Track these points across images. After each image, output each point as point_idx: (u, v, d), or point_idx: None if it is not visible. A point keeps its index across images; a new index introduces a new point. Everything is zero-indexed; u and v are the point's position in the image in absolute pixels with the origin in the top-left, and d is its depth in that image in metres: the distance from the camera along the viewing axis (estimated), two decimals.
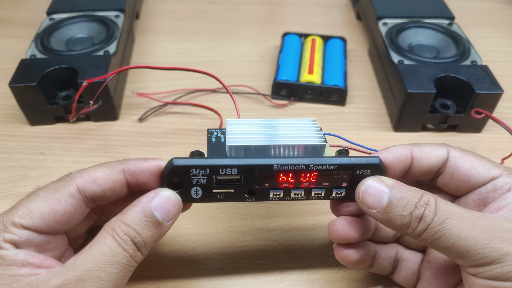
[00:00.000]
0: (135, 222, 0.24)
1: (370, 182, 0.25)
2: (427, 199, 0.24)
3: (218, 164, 0.25)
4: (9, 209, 0.24)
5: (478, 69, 0.45)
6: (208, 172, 0.25)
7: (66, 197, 0.24)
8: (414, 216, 0.24)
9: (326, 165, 0.26)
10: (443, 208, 0.23)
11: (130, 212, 0.24)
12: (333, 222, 0.28)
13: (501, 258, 0.22)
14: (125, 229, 0.23)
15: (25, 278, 0.22)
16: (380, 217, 0.24)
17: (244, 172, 0.26)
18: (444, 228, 0.23)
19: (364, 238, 0.29)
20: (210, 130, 0.32)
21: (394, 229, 0.25)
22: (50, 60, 0.45)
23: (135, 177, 0.26)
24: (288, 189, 0.27)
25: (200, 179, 0.26)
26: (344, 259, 0.28)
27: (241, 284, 0.32)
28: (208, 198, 0.27)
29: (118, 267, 0.23)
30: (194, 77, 0.51)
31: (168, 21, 0.64)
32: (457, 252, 0.23)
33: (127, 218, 0.24)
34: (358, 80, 0.53)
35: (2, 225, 0.23)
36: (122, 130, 0.45)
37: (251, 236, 0.35)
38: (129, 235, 0.23)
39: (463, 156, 0.27)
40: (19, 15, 0.64)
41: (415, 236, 0.24)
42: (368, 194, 0.25)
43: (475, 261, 0.23)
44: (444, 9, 0.55)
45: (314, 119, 0.30)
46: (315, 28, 0.61)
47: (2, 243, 0.22)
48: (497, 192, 0.26)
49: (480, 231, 0.22)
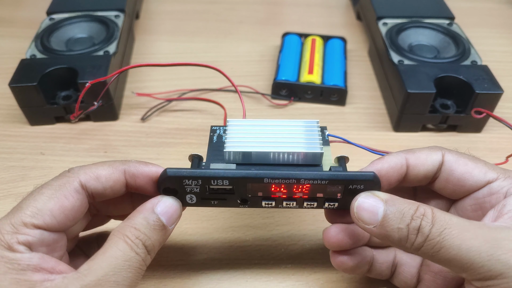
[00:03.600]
0: (144, 227, 0.24)
1: (364, 198, 0.25)
2: (423, 210, 0.23)
3: (210, 175, 0.26)
4: (14, 210, 0.23)
5: (478, 69, 0.45)
6: (200, 182, 0.26)
7: (73, 192, 0.24)
8: (412, 228, 0.23)
9: (318, 180, 0.26)
10: (441, 218, 0.23)
11: (137, 218, 0.25)
12: (327, 229, 0.28)
13: (507, 272, 0.21)
14: (135, 233, 0.24)
15: (40, 284, 0.22)
16: (377, 232, 0.24)
17: (236, 184, 0.26)
18: (444, 239, 0.22)
19: (359, 244, 0.29)
20: (213, 128, 0.32)
21: (393, 244, 0.24)
22: (50, 60, 0.45)
23: (135, 179, 0.26)
24: (280, 199, 0.27)
25: (194, 188, 0.26)
26: (340, 266, 0.28)
27: (241, 284, 0.32)
28: (202, 203, 0.27)
29: (132, 270, 0.23)
30: (194, 77, 0.51)
31: (168, 21, 0.64)
32: (460, 265, 0.22)
33: (136, 223, 0.24)
34: (358, 80, 0.53)
35: (12, 227, 0.22)
36: (122, 130, 0.45)
37: (251, 236, 0.35)
38: (140, 239, 0.24)
39: (458, 160, 0.26)
40: (19, 15, 0.64)
41: (415, 250, 0.23)
42: (363, 210, 0.24)
43: (479, 275, 0.22)
44: (444, 9, 0.55)
45: (317, 120, 0.30)
46: (315, 28, 0.61)
47: (16, 245, 0.22)
48: (494, 196, 0.26)
49: (482, 241, 0.22)
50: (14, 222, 0.23)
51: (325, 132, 0.32)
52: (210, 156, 0.29)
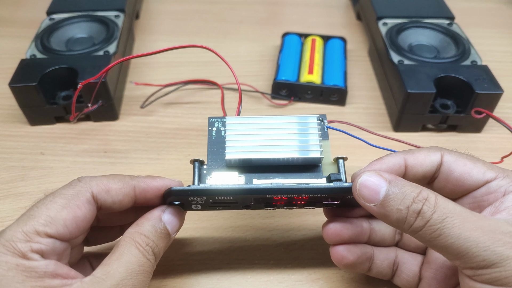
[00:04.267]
0: (153, 234, 0.26)
1: (368, 176, 0.24)
2: (426, 194, 0.23)
3: (213, 194, 0.26)
4: (25, 218, 0.23)
5: (478, 69, 0.45)
6: (205, 198, 0.27)
7: (85, 203, 0.25)
8: (411, 210, 0.23)
9: (318, 194, 0.26)
10: (444, 205, 0.23)
11: (146, 225, 0.26)
12: (325, 223, 0.29)
13: (500, 262, 0.22)
14: (146, 240, 0.25)
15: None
16: (377, 211, 0.24)
17: (239, 198, 0.27)
18: (444, 226, 0.22)
19: (360, 238, 0.29)
20: (211, 120, 0.32)
21: (391, 224, 0.24)
22: (50, 60, 0.45)
23: (145, 194, 0.27)
24: (281, 205, 0.28)
25: (198, 201, 0.27)
26: (340, 261, 0.28)
27: (241, 284, 0.32)
28: (207, 209, 0.29)
29: (145, 275, 0.25)
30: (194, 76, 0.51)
31: (168, 21, 0.64)
32: (456, 253, 0.22)
33: (145, 230, 0.26)
34: (358, 80, 0.53)
35: (25, 235, 0.22)
36: (122, 130, 0.45)
37: (251, 236, 0.35)
38: (150, 245, 0.25)
39: (457, 160, 0.27)
40: (19, 15, 0.64)
41: (412, 232, 0.24)
42: (365, 187, 0.24)
43: (473, 263, 0.22)
44: (444, 9, 0.55)
45: (317, 115, 0.30)
46: (315, 28, 0.61)
47: (30, 253, 0.22)
48: (492, 195, 0.26)
49: (481, 233, 0.22)
50: (26, 230, 0.22)
51: (325, 122, 0.31)
52: (211, 156, 0.30)
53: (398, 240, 0.30)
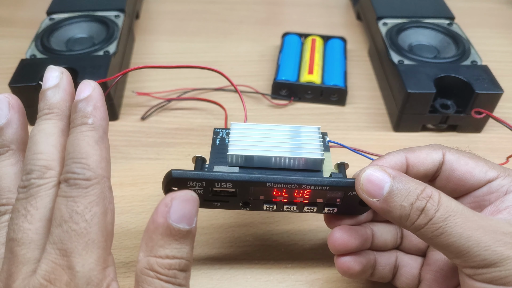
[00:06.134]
0: (170, 250, 0.21)
1: (373, 171, 0.24)
2: (430, 192, 0.23)
3: (214, 178, 0.26)
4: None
5: (478, 69, 0.45)
6: (204, 184, 0.26)
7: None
8: (415, 207, 0.23)
9: (319, 186, 0.26)
10: (447, 204, 0.23)
11: (157, 242, 0.21)
12: (331, 233, 0.28)
13: (501, 262, 0.22)
14: (164, 263, 0.21)
15: None
16: (380, 206, 0.24)
17: (239, 187, 0.27)
18: (447, 225, 0.22)
19: (364, 246, 0.28)
20: (216, 130, 0.32)
21: (393, 220, 0.24)
22: (50, 60, 0.45)
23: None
24: (281, 203, 0.28)
25: (197, 190, 0.27)
26: (346, 271, 0.28)
27: (241, 284, 0.32)
28: (205, 205, 0.28)
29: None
30: (194, 77, 0.51)
31: (168, 21, 0.64)
32: (457, 251, 0.22)
33: (159, 250, 0.21)
34: (358, 80, 0.53)
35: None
36: (122, 130, 0.45)
37: (251, 236, 0.35)
38: (174, 267, 0.21)
39: (459, 159, 0.26)
40: (19, 15, 0.64)
41: (414, 229, 0.23)
42: (369, 182, 0.24)
43: (473, 262, 0.22)
44: (444, 9, 0.55)
45: (318, 126, 0.31)
46: (315, 28, 0.61)
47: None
48: (493, 195, 0.26)
49: (483, 232, 0.22)
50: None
51: (325, 138, 0.32)
52: (213, 158, 0.30)
53: (398, 244, 0.30)
